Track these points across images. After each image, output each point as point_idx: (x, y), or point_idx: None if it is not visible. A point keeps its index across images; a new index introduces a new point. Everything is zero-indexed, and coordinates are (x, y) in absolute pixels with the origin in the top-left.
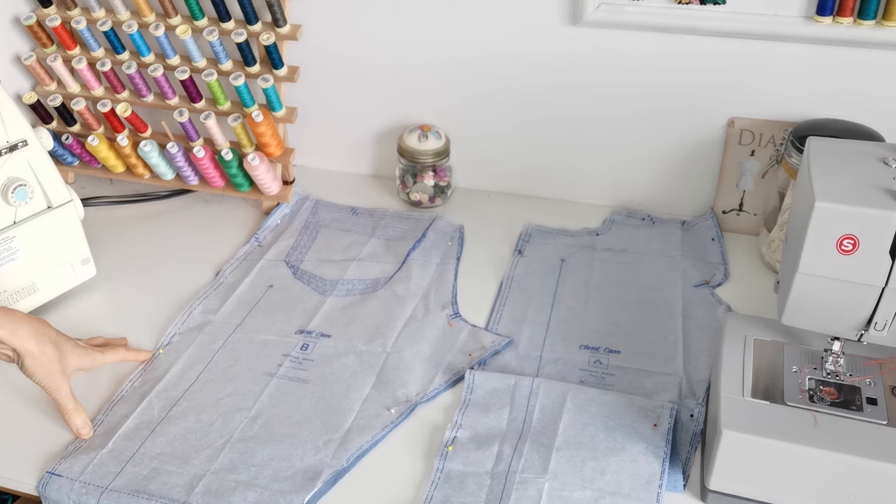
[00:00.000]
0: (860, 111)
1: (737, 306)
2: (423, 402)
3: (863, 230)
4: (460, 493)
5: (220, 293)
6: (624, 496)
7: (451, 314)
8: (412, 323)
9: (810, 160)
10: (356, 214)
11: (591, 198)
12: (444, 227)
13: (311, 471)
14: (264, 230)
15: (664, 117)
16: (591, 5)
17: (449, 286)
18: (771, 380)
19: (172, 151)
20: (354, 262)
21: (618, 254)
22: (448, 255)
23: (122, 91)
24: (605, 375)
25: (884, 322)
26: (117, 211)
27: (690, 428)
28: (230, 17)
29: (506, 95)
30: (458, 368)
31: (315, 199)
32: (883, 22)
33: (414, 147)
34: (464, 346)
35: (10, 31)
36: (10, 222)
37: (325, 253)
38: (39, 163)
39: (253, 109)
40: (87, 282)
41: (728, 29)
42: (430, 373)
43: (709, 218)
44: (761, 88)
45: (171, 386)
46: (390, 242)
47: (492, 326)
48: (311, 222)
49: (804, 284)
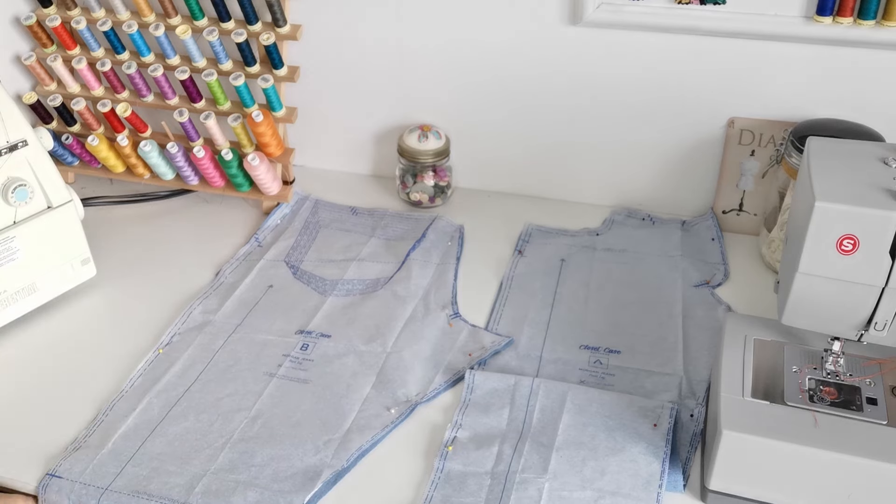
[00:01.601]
0: (860, 111)
1: (737, 306)
2: (423, 402)
3: (863, 230)
4: (460, 493)
5: (220, 293)
6: (624, 496)
7: (450, 314)
8: (412, 323)
9: (810, 160)
10: (356, 214)
11: (591, 198)
12: (443, 227)
13: (311, 471)
14: (264, 230)
15: (664, 117)
16: (591, 5)
17: (449, 286)
18: (771, 380)
19: (172, 151)
20: (354, 262)
21: (618, 254)
22: (448, 255)
23: (122, 91)
24: (605, 375)
25: (884, 322)
26: (117, 211)
27: (690, 428)
28: (230, 17)
29: (506, 96)
30: (459, 368)
31: (315, 199)
32: (883, 22)
33: (414, 147)
34: (464, 346)
35: (10, 31)
36: (10, 222)
37: (325, 253)
38: (39, 163)
39: (253, 109)
40: (87, 282)
41: (728, 29)
42: (430, 373)
43: (709, 218)
44: (761, 88)
45: (171, 386)
46: (390, 242)
47: (492, 326)
48: (310, 222)
49: (804, 284)
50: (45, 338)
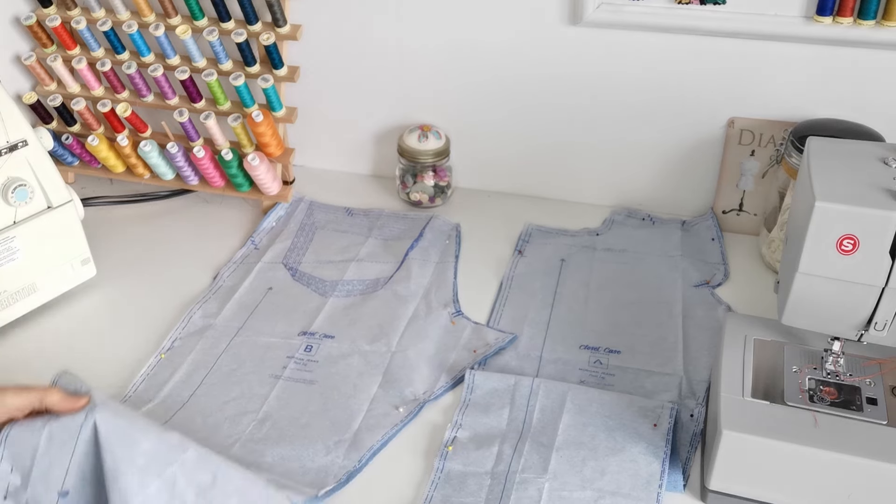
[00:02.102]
0: (860, 111)
1: (737, 306)
2: (431, 399)
3: (863, 230)
4: (460, 493)
5: (219, 297)
6: (624, 496)
7: (452, 312)
8: (415, 322)
9: (810, 160)
10: (351, 215)
11: (591, 198)
12: (440, 227)
13: (322, 471)
14: (260, 233)
15: (664, 117)
16: (591, 5)
17: (449, 284)
18: (771, 380)
19: (172, 151)
20: (353, 262)
21: (618, 254)
22: (447, 254)
23: (122, 91)
24: (605, 375)
25: (884, 322)
26: (117, 211)
27: (690, 428)
28: (230, 17)
29: (506, 96)
30: (464, 366)
31: (310, 201)
32: (883, 22)
33: (414, 147)
34: (468, 342)
35: (10, 31)
36: (10, 222)
37: (323, 254)
38: (39, 163)
39: (253, 109)
40: (87, 282)
41: (728, 29)
42: (435, 371)
43: (709, 218)
44: (761, 88)
45: (175, 391)
46: (388, 242)
47: (492, 326)
48: (306, 224)
49: (804, 284)
50: (45, 338)
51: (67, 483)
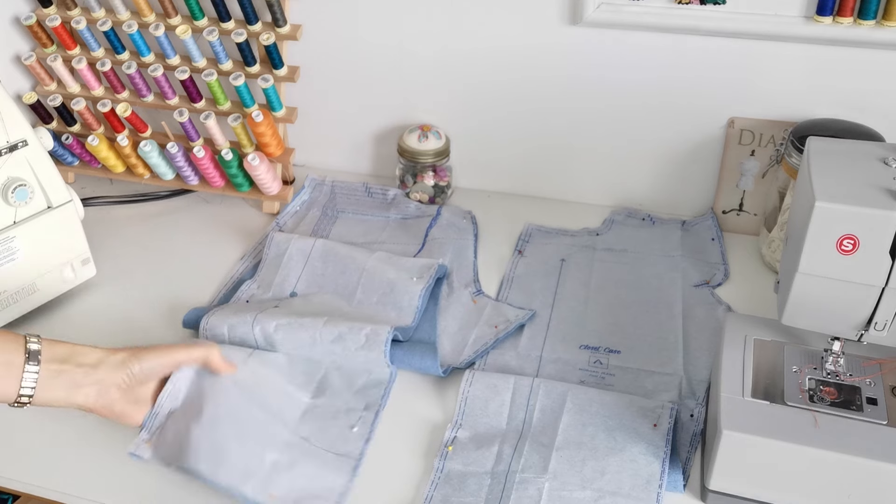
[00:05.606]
0: (860, 111)
1: (737, 306)
2: (460, 366)
3: (863, 230)
4: (460, 493)
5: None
6: (624, 496)
7: (473, 291)
8: (438, 301)
9: (810, 160)
10: (371, 195)
11: (591, 198)
12: (454, 210)
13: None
14: (284, 216)
15: (664, 117)
16: (591, 5)
17: (469, 264)
18: (771, 380)
19: (172, 151)
20: (375, 245)
21: (618, 254)
22: (465, 232)
23: (122, 91)
24: (605, 375)
25: (884, 322)
26: (117, 211)
27: (690, 428)
28: (230, 17)
29: (506, 96)
30: (486, 340)
31: (331, 183)
32: (883, 22)
33: (414, 147)
34: (489, 319)
35: (10, 31)
36: (10, 222)
37: (346, 237)
38: (39, 163)
39: (253, 109)
40: (87, 282)
41: (728, 29)
42: (458, 346)
43: (709, 218)
44: (761, 88)
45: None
46: (407, 222)
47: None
48: (328, 208)
49: (804, 284)
50: None
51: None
